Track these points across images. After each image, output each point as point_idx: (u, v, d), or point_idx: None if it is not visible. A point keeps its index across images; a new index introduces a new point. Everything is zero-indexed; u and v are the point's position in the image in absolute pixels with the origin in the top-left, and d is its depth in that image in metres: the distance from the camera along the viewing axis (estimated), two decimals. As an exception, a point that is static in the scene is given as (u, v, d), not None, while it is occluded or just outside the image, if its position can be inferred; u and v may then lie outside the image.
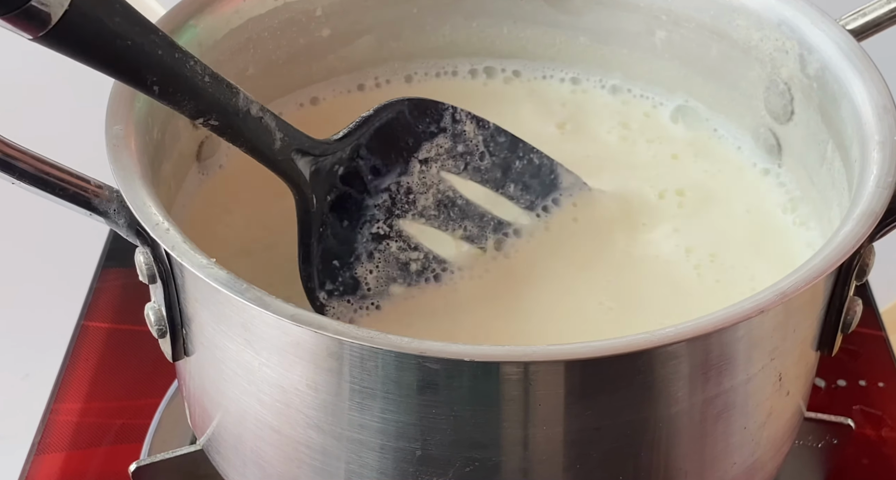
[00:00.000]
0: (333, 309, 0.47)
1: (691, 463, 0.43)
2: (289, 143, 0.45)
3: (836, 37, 0.49)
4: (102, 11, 0.37)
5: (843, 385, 0.62)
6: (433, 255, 0.49)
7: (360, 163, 0.48)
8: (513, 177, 0.51)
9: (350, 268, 0.48)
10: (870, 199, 0.42)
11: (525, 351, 0.38)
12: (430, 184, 0.50)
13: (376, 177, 0.49)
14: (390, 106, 0.49)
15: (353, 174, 0.48)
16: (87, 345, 0.64)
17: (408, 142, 0.50)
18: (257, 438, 0.44)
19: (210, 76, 0.42)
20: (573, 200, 0.52)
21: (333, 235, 0.47)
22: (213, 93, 0.42)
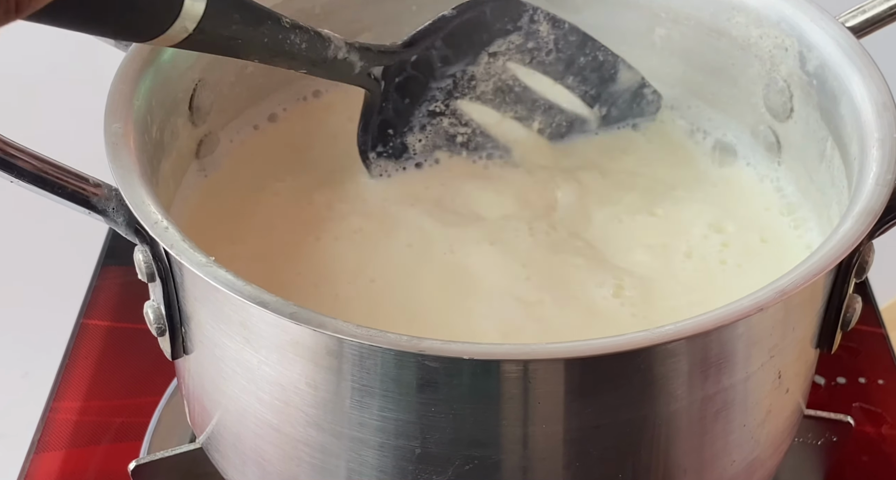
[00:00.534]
0: (380, 167, 0.53)
1: (691, 461, 0.43)
2: (366, 66, 0.50)
3: (836, 34, 0.49)
4: (223, 26, 0.42)
5: (843, 382, 0.62)
6: (480, 130, 0.54)
7: (433, 53, 0.52)
8: (574, 70, 0.55)
9: (402, 136, 0.54)
10: (869, 197, 0.42)
11: (524, 349, 0.38)
12: (493, 73, 0.54)
13: (445, 64, 0.53)
14: (473, 3, 0.52)
15: (424, 61, 0.52)
16: (87, 344, 0.64)
17: (482, 37, 0.53)
18: (257, 436, 0.44)
19: (307, 41, 0.46)
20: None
21: (394, 109, 0.53)
22: (307, 55, 0.47)
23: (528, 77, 0.55)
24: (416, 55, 0.52)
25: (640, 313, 0.48)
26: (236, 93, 0.54)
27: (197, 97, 0.51)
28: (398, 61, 0.52)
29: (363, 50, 0.50)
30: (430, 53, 0.52)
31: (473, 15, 0.52)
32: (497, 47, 0.54)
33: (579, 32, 0.54)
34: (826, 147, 0.50)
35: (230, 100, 0.54)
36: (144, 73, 0.47)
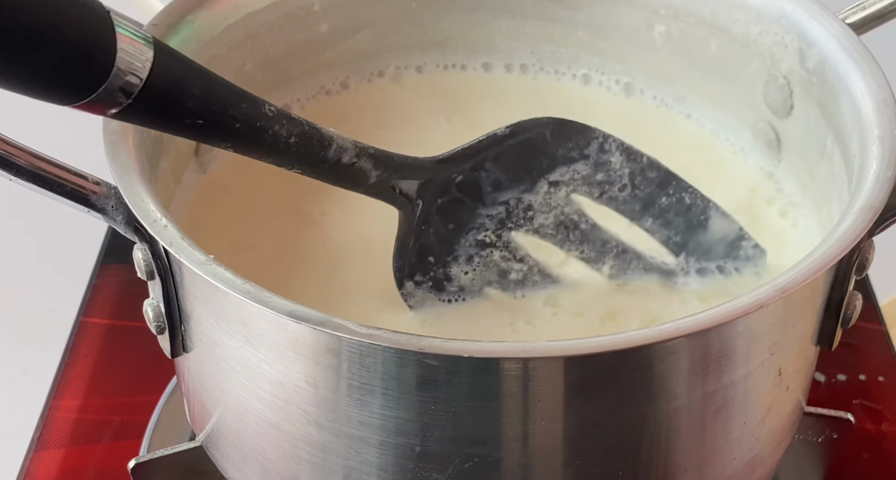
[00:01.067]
0: (416, 298, 0.47)
1: (691, 459, 0.43)
2: (387, 177, 0.43)
3: (836, 31, 0.49)
4: (175, 100, 0.34)
5: (843, 379, 0.62)
6: (539, 268, 0.47)
7: (483, 174, 0.45)
8: (655, 212, 0.47)
9: (445, 266, 0.46)
10: (869, 194, 0.42)
11: (524, 347, 0.38)
12: (554, 206, 0.47)
13: (496, 190, 0.46)
14: (531, 124, 0.45)
15: (472, 183, 0.45)
16: (86, 342, 0.64)
17: (541, 162, 0.46)
18: (256, 434, 0.44)
19: (298, 136, 0.39)
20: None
21: (435, 234, 0.46)
22: (297, 152, 0.39)
23: (597, 213, 0.47)
24: (461, 175, 0.45)
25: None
26: (235, 90, 0.54)
27: (196, 95, 0.51)
28: (440, 180, 0.44)
29: (379, 158, 0.42)
30: (478, 175, 0.45)
31: (531, 136, 0.45)
32: (559, 176, 0.47)
33: (661, 169, 0.47)
34: (826, 144, 0.50)
35: (229, 97, 0.54)
36: (143, 71, 0.47)
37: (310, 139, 0.39)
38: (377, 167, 0.42)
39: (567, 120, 0.47)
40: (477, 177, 0.46)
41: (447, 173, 0.45)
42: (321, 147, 0.40)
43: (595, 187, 0.47)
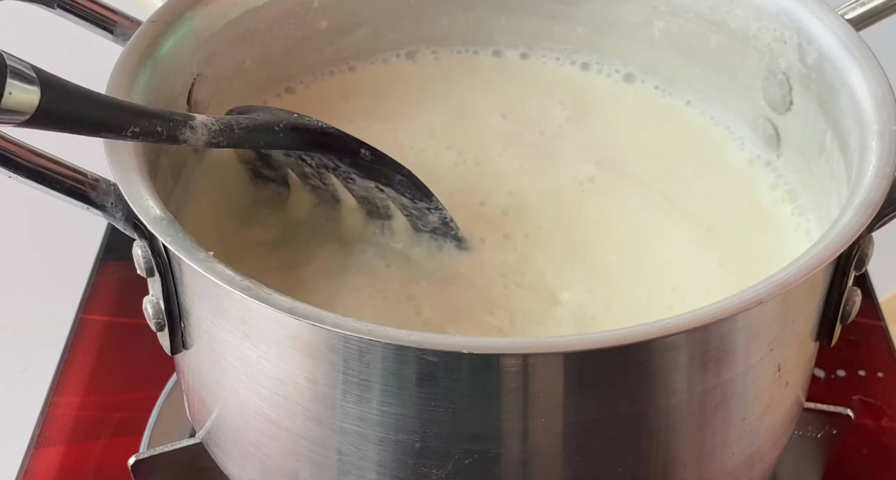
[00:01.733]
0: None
1: (690, 454, 0.43)
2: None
3: (835, 26, 0.49)
4: (67, 119, 0.40)
5: (843, 375, 0.62)
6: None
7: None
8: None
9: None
10: (868, 189, 0.42)
11: (524, 343, 0.38)
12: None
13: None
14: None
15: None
16: (86, 339, 0.64)
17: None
18: (256, 431, 0.44)
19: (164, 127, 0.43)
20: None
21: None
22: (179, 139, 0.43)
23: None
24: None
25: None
26: (234, 87, 0.54)
27: (195, 91, 0.51)
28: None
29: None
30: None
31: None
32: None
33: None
34: (825, 139, 0.49)
35: (228, 94, 0.54)
36: (142, 68, 0.47)
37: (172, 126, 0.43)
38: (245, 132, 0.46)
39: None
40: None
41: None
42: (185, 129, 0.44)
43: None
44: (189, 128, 0.43)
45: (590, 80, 0.59)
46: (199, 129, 0.43)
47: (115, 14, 0.50)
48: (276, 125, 0.47)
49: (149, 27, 0.49)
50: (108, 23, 0.50)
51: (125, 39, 0.48)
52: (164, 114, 0.43)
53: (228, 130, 0.45)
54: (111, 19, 0.50)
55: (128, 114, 0.41)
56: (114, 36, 0.50)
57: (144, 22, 0.49)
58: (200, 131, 0.43)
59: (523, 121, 0.57)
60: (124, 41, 0.48)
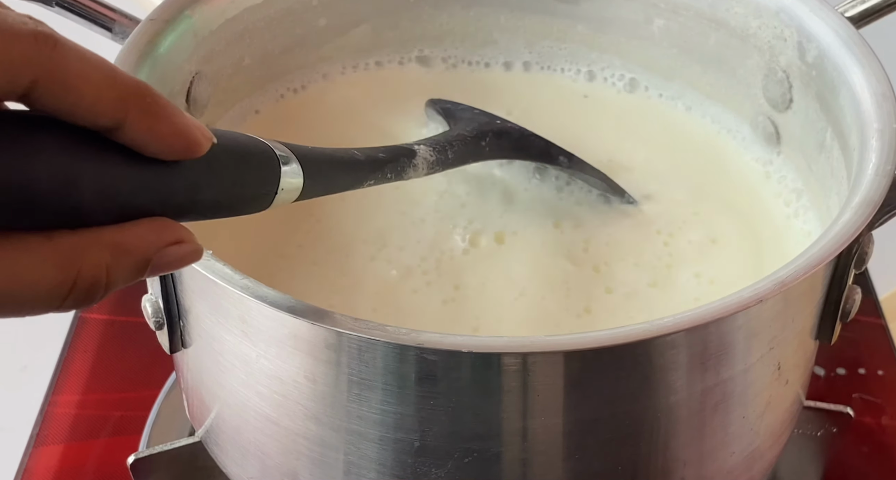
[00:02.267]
0: None
1: (690, 453, 0.43)
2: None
3: (835, 24, 0.49)
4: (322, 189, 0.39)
5: (843, 373, 0.62)
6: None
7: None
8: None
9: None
10: (868, 188, 0.42)
11: (523, 341, 0.38)
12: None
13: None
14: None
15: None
16: (85, 337, 0.64)
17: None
18: (255, 430, 0.44)
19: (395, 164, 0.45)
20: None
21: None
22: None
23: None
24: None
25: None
26: (234, 85, 0.54)
27: (194, 89, 0.51)
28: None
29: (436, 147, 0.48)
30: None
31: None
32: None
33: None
34: (825, 137, 0.49)
35: (228, 92, 0.54)
36: (141, 65, 0.47)
37: (403, 162, 0.45)
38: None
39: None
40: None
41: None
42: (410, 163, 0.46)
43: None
44: (412, 167, 0.45)
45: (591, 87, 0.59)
46: (419, 165, 0.46)
47: (113, 12, 0.50)
48: (482, 139, 0.49)
49: (147, 25, 0.48)
50: (107, 21, 0.50)
51: (124, 37, 0.48)
52: (393, 159, 0.44)
53: (444, 158, 0.47)
54: (110, 17, 0.50)
55: (366, 169, 0.42)
56: (112, 34, 0.50)
57: (143, 20, 0.49)
58: (421, 167, 0.46)
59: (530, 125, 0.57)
60: (123, 39, 0.48)
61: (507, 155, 0.51)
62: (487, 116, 0.51)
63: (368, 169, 0.42)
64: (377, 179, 0.43)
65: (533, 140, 0.51)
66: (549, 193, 0.53)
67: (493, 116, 0.52)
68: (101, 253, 0.30)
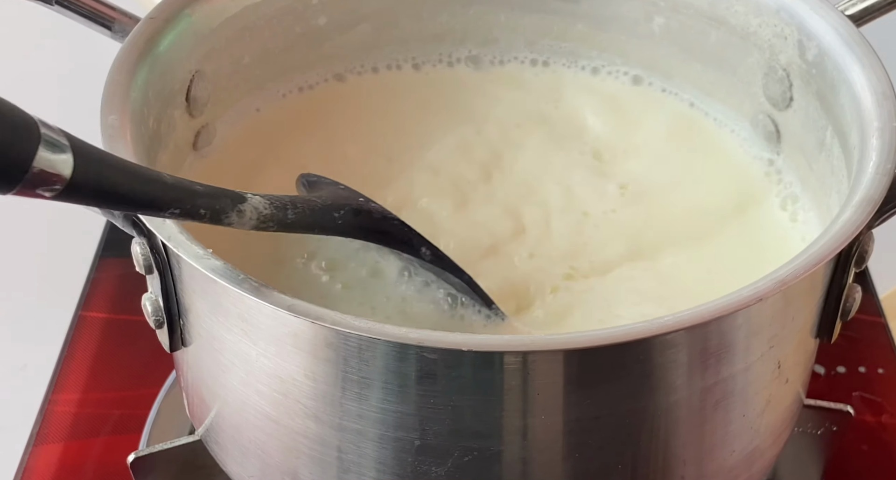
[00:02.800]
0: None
1: (690, 452, 0.43)
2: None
3: (835, 22, 0.49)
4: (99, 193, 0.36)
5: (843, 371, 0.62)
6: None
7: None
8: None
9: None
10: (869, 186, 0.42)
11: (524, 340, 0.38)
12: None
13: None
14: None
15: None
16: (85, 336, 0.64)
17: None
18: (255, 428, 0.44)
19: (213, 210, 0.39)
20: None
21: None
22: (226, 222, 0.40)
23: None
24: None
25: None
26: (233, 84, 0.54)
27: (194, 88, 0.51)
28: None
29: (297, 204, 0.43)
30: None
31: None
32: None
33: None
34: (826, 136, 0.49)
35: (227, 91, 0.54)
36: (141, 64, 0.47)
37: (222, 206, 0.40)
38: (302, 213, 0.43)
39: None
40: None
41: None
42: (235, 212, 0.40)
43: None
44: (237, 212, 0.39)
45: (588, 81, 0.59)
46: (247, 214, 0.40)
47: (113, 10, 0.50)
48: (336, 211, 0.44)
49: (147, 24, 0.48)
50: (107, 19, 0.50)
51: (123, 36, 0.48)
52: (212, 196, 0.39)
53: (281, 216, 0.41)
54: (109, 16, 0.50)
55: (171, 193, 0.37)
56: (112, 32, 0.50)
57: (143, 18, 0.49)
58: (249, 215, 0.40)
59: (534, 129, 0.57)
60: (122, 38, 0.48)
61: (362, 235, 0.46)
62: (351, 192, 0.46)
63: (174, 196, 0.37)
64: (185, 212, 0.38)
65: (395, 225, 0.46)
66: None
67: (357, 193, 0.46)
68: None
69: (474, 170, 0.55)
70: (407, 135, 0.56)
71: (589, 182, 0.54)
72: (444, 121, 0.57)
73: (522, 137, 0.56)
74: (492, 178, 0.54)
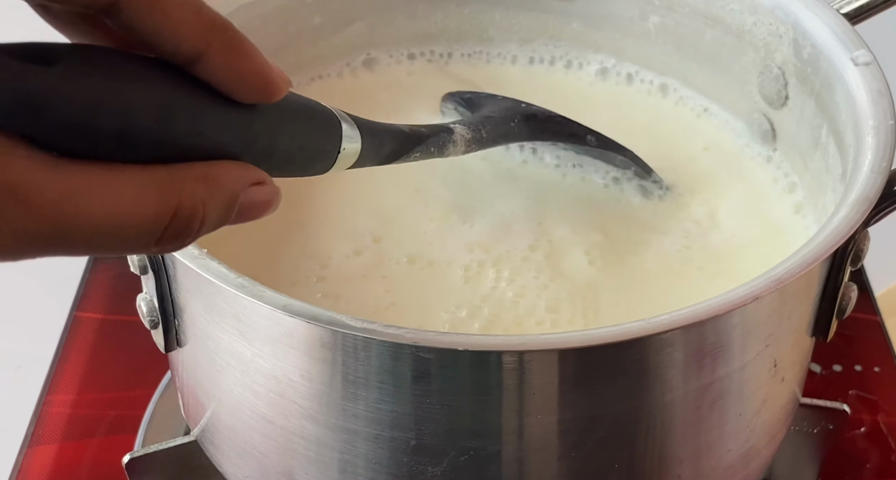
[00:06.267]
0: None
1: (686, 451, 0.43)
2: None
3: (830, 21, 0.49)
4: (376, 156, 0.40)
5: (839, 370, 0.62)
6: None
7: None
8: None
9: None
10: (864, 184, 0.42)
11: (520, 340, 0.38)
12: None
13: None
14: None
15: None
16: (80, 336, 0.64)
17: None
18: (251, 429, 0.44)
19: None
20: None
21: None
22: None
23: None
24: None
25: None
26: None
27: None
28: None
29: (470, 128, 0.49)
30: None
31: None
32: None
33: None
34: (821, 134, 0.49)
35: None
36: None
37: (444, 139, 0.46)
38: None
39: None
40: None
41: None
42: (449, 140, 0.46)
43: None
44: (452, 143, 0.46)
45: (584, 78, 0.59)
46: (458, 142, 0.46)
47: (107, 10, 0.50)
48: (511, 121, 0.50)
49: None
50: (101, 19, 0.50)
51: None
52: (435, 134, 0.45)
53: (479, 136, 0.48)
54: (103, 15, 0.50)
55: (412, 141, 0.43)
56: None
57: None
58: (460, 143, 0.47)
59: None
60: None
61: (538, 136, 0.52)
62: (512, 101, 0.52)
63: (414, 141, 0.43)
64: (422, 152, 0.44)
65: (560, 121, 0.52)
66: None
67: (517, 101, 0.53)
68: (196, 185, 0.29)
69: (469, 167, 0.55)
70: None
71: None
72: (440, 119, 0.57)
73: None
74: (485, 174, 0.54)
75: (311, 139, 0.34)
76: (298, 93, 0.34)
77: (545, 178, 0.54)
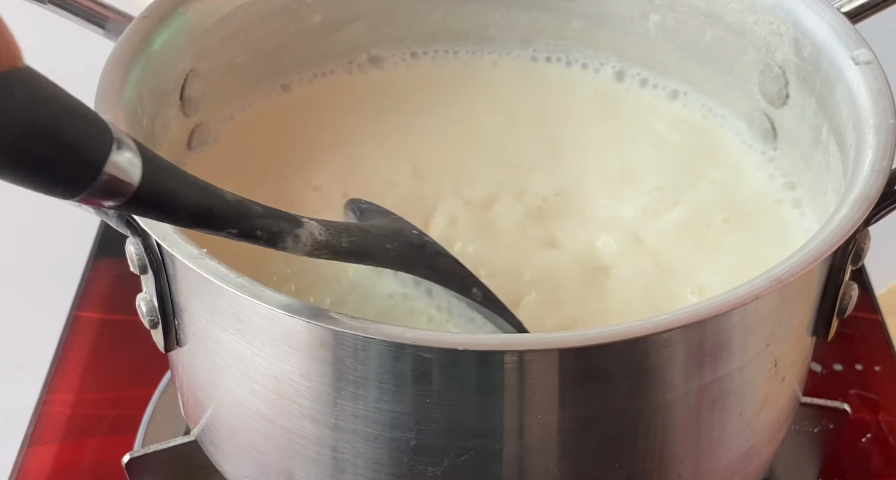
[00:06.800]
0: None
1: (687, 450, 0.43)
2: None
3: (831, 19, 0.49)
4: (166, 205, 0.34)
5: (840, 369, 0.62)
6: None
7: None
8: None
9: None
10: (865, 183, 0.42)
11: (520, 339, 0.38)
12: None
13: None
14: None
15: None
16: (80, 336, 0.64)
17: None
18: (251, 428, 0.44)
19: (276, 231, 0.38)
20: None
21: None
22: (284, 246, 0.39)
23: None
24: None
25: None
26: (228, 82, 0.54)
27: (188, 87, 0.51)
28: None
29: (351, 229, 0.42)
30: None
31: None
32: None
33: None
34: (822, 133, 0.49)
35: (221, 89, 0.54)
36: (134, 63, 0.47)
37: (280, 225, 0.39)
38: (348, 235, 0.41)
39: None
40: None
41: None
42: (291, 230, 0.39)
43: None
44: (293, 237, 0.38)
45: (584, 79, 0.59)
46: (303, 239, 0.38)
47: (106, 9, 0.50)
48: (390, 242, 0.43)
49: (141, 22, 0.48)
50: (100, 18, 0.50)
51: (117, 35, 0.48)
52: (271, 217, 0.38)
53: (335, 243, 0.40)
54: (103, 14, 0.50)
55: (230, 212, 0.36)
56: (105, 31, 0.50)
57: (136, 17, 0.49)
58: (304, 241, 0.38)
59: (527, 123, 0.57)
60: (116, 36, 0.48)
61: (415, 270, 0.44)
62: (404, 223, 0.45)
63: (234, 214, 0.36)
64: (242, 232, 0.36)
65: (448, 262, 0.45)
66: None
67: (410, 225, 0.46)
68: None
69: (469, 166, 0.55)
70: (406, 133, 0.56)
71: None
72: (440, 119, 0.57)
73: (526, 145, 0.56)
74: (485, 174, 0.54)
75: (45, 131, 0.29)
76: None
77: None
